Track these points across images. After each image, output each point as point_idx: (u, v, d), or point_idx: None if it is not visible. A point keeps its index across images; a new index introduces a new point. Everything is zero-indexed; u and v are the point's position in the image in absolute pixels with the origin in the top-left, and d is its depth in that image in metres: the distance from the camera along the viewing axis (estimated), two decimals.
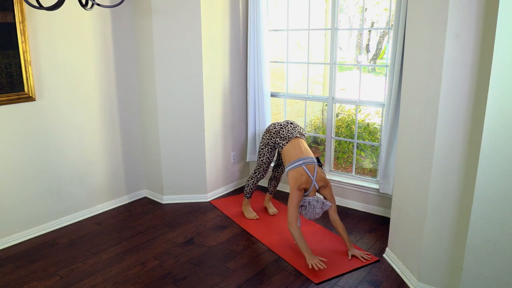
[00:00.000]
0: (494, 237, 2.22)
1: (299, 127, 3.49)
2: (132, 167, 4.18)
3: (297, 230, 3.00)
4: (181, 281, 2.85)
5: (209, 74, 4.00)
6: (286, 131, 3.39)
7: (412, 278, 2.76)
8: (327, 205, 3.05)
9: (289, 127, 3.42)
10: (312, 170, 3.12)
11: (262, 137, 3.61)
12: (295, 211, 3.02)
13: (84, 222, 3.73)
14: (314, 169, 3.13)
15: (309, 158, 3.19)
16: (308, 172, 3.09)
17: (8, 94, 3.14)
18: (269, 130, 3.52)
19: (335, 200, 3.21)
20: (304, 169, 3.11)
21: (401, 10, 3.17)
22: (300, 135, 3.41)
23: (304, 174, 3.09)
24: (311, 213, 3.05)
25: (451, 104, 2.36)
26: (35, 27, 3.24)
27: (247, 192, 3.81)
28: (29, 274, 2.93)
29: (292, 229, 3.00)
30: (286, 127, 3.43)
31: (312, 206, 3.03)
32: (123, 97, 3.97)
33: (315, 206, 3.03)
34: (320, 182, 3.13)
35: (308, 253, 2.96)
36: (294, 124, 3.49)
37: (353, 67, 8.03)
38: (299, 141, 3.35)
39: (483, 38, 2.18)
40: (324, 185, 3.15)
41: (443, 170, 2.46)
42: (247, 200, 3.84)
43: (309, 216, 3.07)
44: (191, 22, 3.80)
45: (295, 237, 3.01)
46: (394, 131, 3.44)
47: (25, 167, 3.35)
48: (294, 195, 3.05)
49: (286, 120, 3.60)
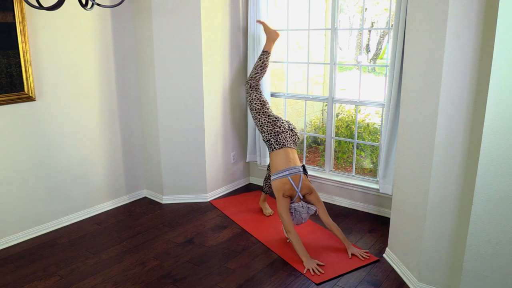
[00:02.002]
0: (494, 237, 2.21)
1: (296, 135, 3.53)
2: (132, 167, 4.18)
3: (295, 237, 3.09)
4: (181, 281, 2.85)
5: (209, 74, 4.00)
6: (283, 138, 3.43)
7: (412, 278, 2.76)
8: (312, 210, 3.19)
9: (287, 135, 3.46)
10: (297, 181, 3.23)
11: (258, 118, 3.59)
12: (288, 217, 3.13)
13: (84, 222, 3.73)
14: (299, 179, 3.24)
15: (296, 168, 3.29)
16: (292, 183, 3.21)
17: (8, 94, 3.14)
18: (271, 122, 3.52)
19: (322, 204, 3.26)
20: (288, 180, 3.22)
21: (401, 10, 3.16)
22: (294, 145, 3.48)
23: (287, 183, 3.21)
24: (297, 218, 3.18)
25: (451, 104, 2.36)
26: (35, 27, 3.24)
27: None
28: (29, 274, 2.93)
29: (291, 236, 3.10)
30: (285, 133, 3.46)
31: (298, 212, 3.17)
32: (123, 97, 3.97)
33: (301, 212, 3.16)
34: (304, 190, 3.24)
35: (305, 257, 3.00)
36: (294, 131, 3.52)
37: (353, 67, 8.03)
38: (291, 150, 3.42)
39: (483, 38, 2.18)
40: (309, 192, 3.25)
41: (443, 170, 2.45)
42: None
43: (297, 222, 3.19)
44: (191, 22, 3.80)
45: (293, 243, 3.08)
46: (394, 131, 3.44)
47: (25, 167, 3.35)
48: (281, 203, 3.17)
49: (288, 122, 3.59)
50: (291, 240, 3.10)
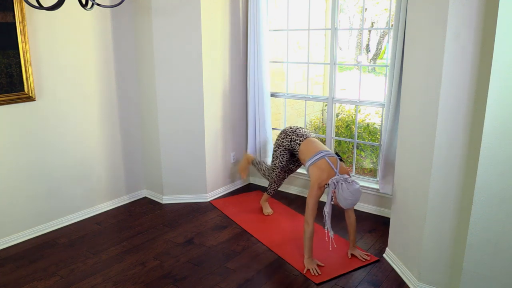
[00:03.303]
0: (494, 237, 2.21)
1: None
2: (132, 167, 4.18)
3: (310, 231, 2.93)
4: (181, 281, 2.84)
5: (209, 74, 4.00)
6: (303, 131, 3.41)
7: (412, 278, 2.76)
8: (356, 186, 2.75)
9: (305, 129, 3.46)
10: (335, 163, 3.00)
11: (276, 139, 3.57)
12: (314, 209, 2.93)
13: (84, 222, 3.73)
14: (336, 161, 3.02)
15: (330, 152, 3.12)
16: (331, 164, 2.97)
17: (8, 94, 3.14)
18: (285, 131, 3.49)
19: None
20: (327, 161, 2.99)
21: (401, 10, 3.16)
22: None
23: (326, 168, 2.95)
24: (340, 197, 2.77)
25: (451, 104, 2.36)
26: (35, 27, 3.24)
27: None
28: (29, 274, 2.92)
29: (308, 228, 2.93)
30: (302, 129, 3.45)
31: (341, 187, 2.77)
32: (123, 97, 3.97)
33: (343, 189, 2.75)
34: (343, 172, 2.98)
35: (308, 256, 2.97)
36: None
37: (353, 67, 8.03)
38: (316, 139, 3.32)
39: (483, 38, 2.18)
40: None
41: (443, 170, 2.45)
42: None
43: (342, 203, 2.79)
44: (191, 22, 3.80)
45: (305, 236, 2.95)
46: (394, 131, 3.43)
47: (25, 167, 3.35)
48: (313, 193, 2.94)
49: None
50: (305, 232, 2.94)
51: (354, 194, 2.75)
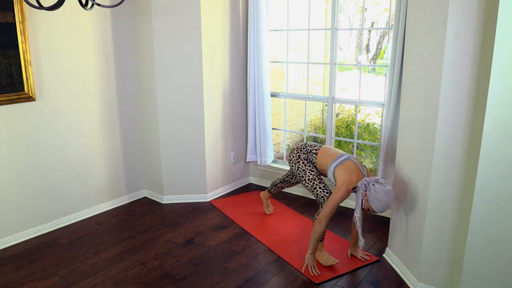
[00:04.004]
0: (494, 237, 2.21)
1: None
2: (132, 167, 4.18)
3: (321, 232, 2.83)
4: (181, 281, 2.84)
5: (209, 74, 4.00)
6: (312, 143, 3.21)
7: (412, 278, 2.76)
8: (388, 187, 2.62)
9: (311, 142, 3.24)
10: (360, 165, 2.90)
11: (289, 159, 3.23)
12: (333, 211, 2.81)
13: (84, 222, 3.73)
14: (360, 163, 2.91)
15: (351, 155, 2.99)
16: (358, 165, 2.85)
17: (8, 94, 3.14)
18: (296, 148, 3.23)
19: None
20: (354, 162, 2.86)
21: (401, 10, 3.16)
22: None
23: (355, 170, 2.81)
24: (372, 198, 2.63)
25: (451, 104, 2.36)
26: (35, 27, 3.24)
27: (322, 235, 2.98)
28: (29, 274, 2.92)
29: (319, 228, 2.80)
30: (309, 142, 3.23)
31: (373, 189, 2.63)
32: (123, 97, 3.97)
33: (377, 191, 2.61)
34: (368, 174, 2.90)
35: (311, 252, 2.89)
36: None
37: (353, 67, 8.03)
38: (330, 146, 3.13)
39: (483, 38, 2.18)
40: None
41: (443, 170, 2.45)
42: (322, 244, 3.08)
43: (376, 206, 2.64)
44: (191, 22, 3.80)
45: (315, 235, 2.84)
46: (394, 131, 3.43)
47: (25, 167, 3.35)
48: (339, 194, 2.77)
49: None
50: (315, 230, 2.82)
51: (388, 194, 2.64)
